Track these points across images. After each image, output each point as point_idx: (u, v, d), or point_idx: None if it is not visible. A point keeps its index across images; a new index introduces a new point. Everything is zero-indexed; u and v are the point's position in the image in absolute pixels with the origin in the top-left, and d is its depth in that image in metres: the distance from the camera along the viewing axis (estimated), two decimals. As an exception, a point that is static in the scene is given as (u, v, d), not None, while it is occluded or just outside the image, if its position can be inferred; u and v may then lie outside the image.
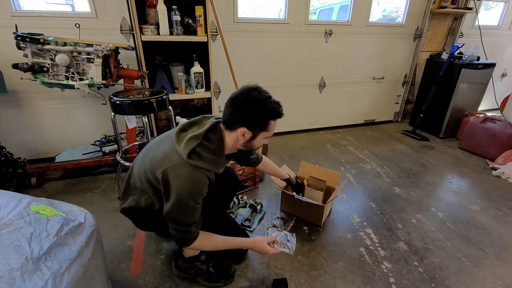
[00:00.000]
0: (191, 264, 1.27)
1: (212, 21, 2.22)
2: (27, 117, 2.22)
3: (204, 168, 0.97)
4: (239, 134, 1.01)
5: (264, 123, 1.01)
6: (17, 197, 0.92)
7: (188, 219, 1.00)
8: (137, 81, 2.11)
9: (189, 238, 1.04)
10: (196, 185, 0.96)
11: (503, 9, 3.58)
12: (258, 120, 1.00)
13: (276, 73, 2.83)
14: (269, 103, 0.99)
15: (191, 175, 0.95)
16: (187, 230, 1.01)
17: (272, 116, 1.01)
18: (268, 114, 1.00)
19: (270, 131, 1.04)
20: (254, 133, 1.02)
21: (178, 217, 0.99)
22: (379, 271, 1.38)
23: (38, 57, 1.70)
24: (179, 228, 1.01)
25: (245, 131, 1.00)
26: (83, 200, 1.88)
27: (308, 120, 3.21)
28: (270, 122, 1.01)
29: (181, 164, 0.95)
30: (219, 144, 1.04)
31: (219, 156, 1.04)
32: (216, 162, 1.02)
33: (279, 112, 1.01)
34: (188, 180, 0.95)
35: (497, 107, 3.38)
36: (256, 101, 0.98)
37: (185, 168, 0.95)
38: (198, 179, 0.96)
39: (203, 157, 0.98)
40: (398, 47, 3.21)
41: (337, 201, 1.92)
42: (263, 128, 1.01)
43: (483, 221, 1.77)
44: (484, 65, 2.90)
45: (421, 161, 2.58)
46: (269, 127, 1.02)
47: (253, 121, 1.00)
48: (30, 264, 0.70)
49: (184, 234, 1.02)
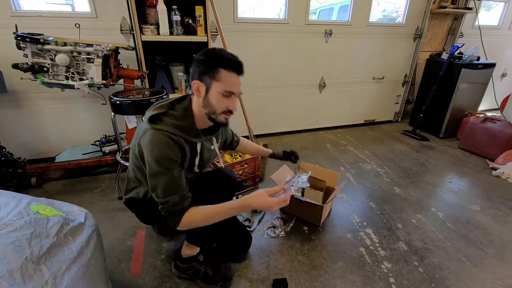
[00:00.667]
0: (188, 264, 1.27)
1: (212, 21, 2.22)
2: (27, 117, 2.22)
3: (167, 131, 0.95)
4: (194, 90, 0.99)
5: (213, 70, 0.94)
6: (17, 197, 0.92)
7: (166, 189, 0.95)
8: (137, 81, 2.11)
9: (173, 212, 0.97)
10: (161, 148, 0.93)
11: (503, 9, 3.58)
12: (206, 67, 0.95)
13: (276, 73, 2.83)
14: (221, 53, 0.96)
15: (154, 138, 0.94)
16: (168, 201, 0.96)
17: (222, 64, 0.94)
18: (217, 61, 0.94)
19: (224, 83, 0.95)
20: (207, 85, 0.96)
21: (157, 187, 0.96)
22: (379, 271, 1.38)
23: (38, 57, 1.70)
24: (161, 200, 0.97)
25: (197, 83, 0.97)
26: (83, 200, 1.88)
27: (308, 120, 3.21)
28: (220, 70, 0.94)
29: (147, 131, 0.95)
30: (185, 111, 1.02)
31: (187, 122, 1.00)
32: (182, 128, 0.98)
33: (229, 59, 0.94)
34: (152, 143, 0.93)
35: (497, 107, 3.39)
36: (204, 52, 0.97)
37: (149, 133, 0.95)
38: (161, 141, 0.93)
39: (165, 121, 0.97)
40: (398, 47, 3.21)
41: (337, 201, 1.92)
42: (213, 76, 0.94)
43: (483, 221, 1.77)
44: (484, 65, 2.90)
45: (421, 161, 2.58)
46: (220, 76, 0.94)
47: (203, 69, 0.95)
48: (30, 264, 0.70)
49: (167, 207, 0.97)
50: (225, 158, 2.10)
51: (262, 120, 2.97)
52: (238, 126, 2.73)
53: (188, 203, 1.00)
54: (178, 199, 0.97)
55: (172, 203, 0.96)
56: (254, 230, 1.63)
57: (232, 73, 0.96)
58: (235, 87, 0.99)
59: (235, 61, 0.96)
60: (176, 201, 0.97)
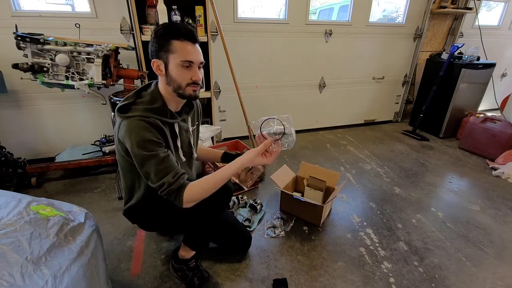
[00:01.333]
0: (179, 266, 1.27)
1: (212, 21, 2.22)
2: (27, 117, 2.22)
3: (138, 115, 0.95)
4: (155, 70, 0.99)
5: (166, 44, 0.94)
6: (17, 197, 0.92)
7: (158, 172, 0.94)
8: (137, 81, 2.11)
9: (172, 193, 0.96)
10: (137, 133, 0.92)
11: (503, 9, 3.58)
12: (159, 43, 0.95)
13: (276, 73, 2.83)
14: (170, 25, 0.96)
15: (128, 126, 0.93)
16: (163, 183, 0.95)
17: (173, 35, 0.93)
18: (167, 33, 0.94)
19: (179, 53, 0.94)
20: (164, 60, 0.96)
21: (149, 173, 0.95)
22: (379, 271, 1.38)
23: (38, 57, 1.70)
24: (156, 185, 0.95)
25: (156, 62, 0.97)
26: (83, 200, 1.88)
27: (308, 120, 3.21)
28: (172, 41, 0.94)
29: (120, 122, 0.96)
30: (153, 95, 1.01)
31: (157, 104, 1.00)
32: (153, 109, 0.98)
33: (178, 30, 0.94)
34: (128, 132, 0.93)
35: (497, 107, 3.39)
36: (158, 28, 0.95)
37: (123, 123, 0.95)
38: (135, 126, 0.93)
39: (135, 109, 0.97)
40: (398, 47, 3.21)
41: (337, 201, 1.92)
42: (168, 50, 0.94)
43: (483, 221, 1.77)
44: (484, 65, 2.90)
45: (421, 161, 2.58)
46: (174, 47, 0.94)
47: (156, 46, 0.95)
48: (30, 264, 0.70)
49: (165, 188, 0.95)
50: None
51: (262, 120, 2.96)
52: (238, 126, 2.75)
53: (184, 179, 0.99)
54: (172, 179, 0.95)
55: (168, 183, 0.95)
56: (254, 230, 1.63)
57: (185, 42, 0.95)
58: (192, 56, 0.97)
59: (185, 29, 0.95)
60: (171, 181, 0.95)
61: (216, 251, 1.45)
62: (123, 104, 0.98)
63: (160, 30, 0.95)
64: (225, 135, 2.85)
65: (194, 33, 0.97)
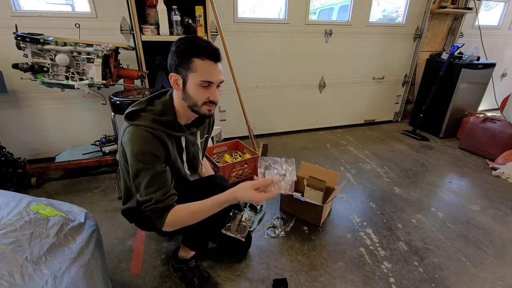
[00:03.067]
0: (179, 266, 1.27)
1: (212, 21, 2.22)
2: (27, 117, 2.22)
3: (145, 125, 0.92)
4: (173, 83, 0.96)
5: (187, 60, 0.91)
6: (17, 197, 0.92)
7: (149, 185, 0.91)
8: (137, 81, 2.11)
9: (157, 210, 0.92)
10: (140, 143, 0.90)
11: (503, 9, 3.58)
12: (180, 58, 0.92)
13: (276, 73, 2.83)
14: (194, 40, 0.91)
15: (133, 134, 0.91)
16: (150, 198, 0.91)
17: (195, 53, 0.90)
18: (190, 50, 0.90)
19: (199, 73, 0.91)
20: (183, 77, 0.93)
21: (139, 185, 0.92)
22: (379, 271, 1.38)
23: (38, 57, 1.70)
24: (143, 199, 0.92)
25: (174, 76, 0.95)
26: (83, 200, 1.88)
27: (308, 120, 3.21)
28: (193, 59, 0.90)
29: (126, 129, 0.94)
30: (165, 106, 0.98)
31: (168, 117, 0.97)
32: (162, 122, 0.95)
33: (201, 47, 0.90)
34: (131, 140, 0.91)
35: (497, 107, 3.39)
36: (182, 40, 0.93)
37: (129, 129, 0.93)
38: (140, 136, 0.91)
39: (143, 116, 0.94)
40: (398, 47, 3.21)
41: (337, 201, 1.92)
42: (188, 67, 0.91)
43: (483, 221, 1.77)
44: (484, 65, 2.90)
45: (421, 161, 2.58)
46: (195, 66, 0.91)
47: (177, 61, 0.92)
48: (30, 264, 0.70)
49: (150, 204, 0.91)
50: (225, 158, 2.10)
51: (262, 120, 2.97)
52: (238, 126, 2.75)
53: (173, 201, 0.94)
54: (160, 196, 0.91)
55: (155, 200, 0.91)
56: (254, 230, 1.63)
57: (207, 61, 0.91)
58: (213, 76, 0.93)
59: (208, 48, 0.91)
60: (159, 198, 0.91)
61: (216, 251, 1.45)
62: (133, 110, 0.95)
63: (181, 46, 0.92)
64: (225, 135, 2.85)
65: (218, 52, 0.94)
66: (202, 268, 1.29)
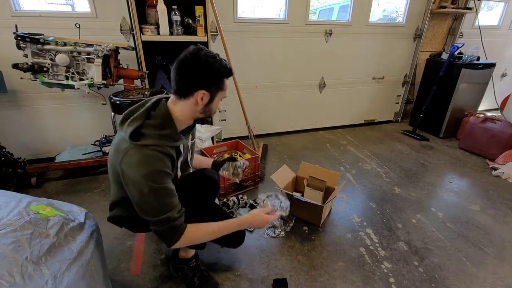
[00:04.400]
0: (180, 266, 1.27)
1: (212, 21, 2.22)
2: (27, 117, 2.22)
3: (153, 144, 0.90)
4: (198, 98, 0.95)
5: (220, 82, 0.99)
6: (17, 197, 0.92)
7: (162, 206, 0.90)
8: (137, 81, 2.11)
9: (173, 229, 0.92)
10: (151, 164, 0.88)
11: (503, 9, 3.58)
12: (214, 80, 0.97)
13: (276, 73, 2.83)
14: (220, 61, 0.96)
15: (142, 156, 0.88)
16: (166, 218, 0.90)
17: (226, 74, 0.99)
18: (222, 72, 0.97)
19: (225, 91, 1.03)
20: (212, 94, 0.98)
21: (150, 207, 0.90)
22: (379, 271, 1.38)
23: (38, 57, 1.70)
24: (156, 220, 0.90)
25: (203, 93, 0.95)
26: (83, 200, 1.88)
27: (308, 120, 3.21)
28: (224, 80, 1.00)
29: (129, 150, 0.89)
30: (165, 118, 0.96)
31: (169, 130, 0.96)
32: (166, 136, 0.95)
33: (230, 69, 1.00)
34: (140, 162, 0.87)
35: (497, 107, 3.39)
36: (208, 60, 0.93)
37: (134, 151, 0.88)
38: (150, 157, 0.89)
39: (148, 134, 0.91)
40: (398, 47, 3.21)
41: (337, 201, 1.92)
42: (220, 87, 0.99)
43: (483, 221, 1.77)
44: (484, 65, 2.90)
45: (421, 161, 2.58)
46: (224, 85, 1.01)
47: (210, 81, 0.96)
48: (30, 264, 0.70)
49: (166, 225, 0.91)
50: (224, 158, 2.10)
51: (262, 120, 2.97)
52: (238, 126, 2.75)
53: (183, 216, 0.96)
54: (176, 214, 0.92)
55: (172, 219, 0.91)
56: (254, 230, 1.63)
57: (229, 80, 1.03)
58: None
59: (231, 69, 1.01)
60: (176, 216, 0.92)
61: (216, 252, 1.45)
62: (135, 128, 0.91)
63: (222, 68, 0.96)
64: (225, 135, 2.85)
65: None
66: (203, 268, 1.29)
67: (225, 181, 1.94)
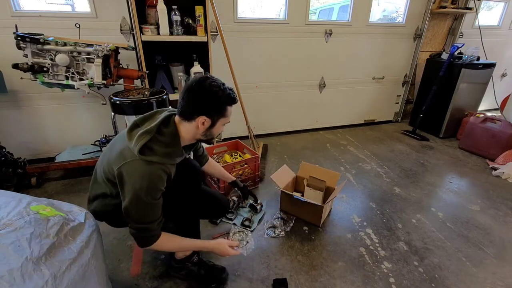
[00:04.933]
0: (182, 265, 1.27)
1: (212, 21, 2.22)
2: (27, 117, 2.22)
3: (159, 162, 0.95)
4: (199, 123, 1.01)
5: (222, 109, 1.03)
6: (17, 197, 0.92)
7: (147, 216, 0.97)
8: (137, 81, 2.11)
9: (149, 237, 1.01)
10: (152, 181, 0.93)
11: (503, 9, 3.58)
12: (216, 107, 1.02)
13: (276, 73, 2.83)
14: (224, 90, 1.01)
15: (146, 171, 0.92)
16: (147, 228, 0.98)
17: (229, 102, 1.03)
18: (224, 100, 1.02)
19: (227, 117, 1.07)
20: (213, 120, 1.03)
21: (137, 215, 0.96)
22: (379, 271, 1.38)
23: (38, 57, 1.70)
24: (138, 226, 0.97)
25: (204, 119, 1.01)
26: (83, 200, 1.87)
27: (308, 120, 3.21)
28: (227, 108, 1.04)
29: (134, 160, 0.93)
30: (173, 136, 1.01)
31: (174, 148, 1.02)
32: (170, 154, 1.00)
33: (234, 98, 1.04)
34: (143, 176, 0.92)
35: (497, 107, 3.39)
36: (211, 89, 0.99)
37: (139, 164, 0.92)
38: (153, 174, 0.94)
39: (156, 151, 0.95)
40: (398, 47, 3.21)
41: (337, 201, 1.92)
42: (222, 114, 1.04)
43: (483, 221, 1.77)
44: (484, 65, 2.90)
45: (421, 161, 2.58)
46: (227, 112, 1.05)
47: (211, 108, 1.01)
48: (30, 264, 0.70)
49: (144, 233, 0.99)
50: (225, 158, 2.10)
51: (262, 120, 2.97)
52: (238, 126, 2.75)
53: (161, 226, 1.03)
54: (156, 225, 1.00)
55: (150, 229, 0.99)
56: (254, 230, 1.63)
57: (232, 107, 1.06)
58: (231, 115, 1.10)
59: (235, 96, 1.05)
60: (154, 227, 0.99)
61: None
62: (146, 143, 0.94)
63: (216, 95, 0.99)
64: (225, 135, 2.85)
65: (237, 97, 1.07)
66: (206, 260, 1.32)
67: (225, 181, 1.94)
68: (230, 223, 1.67)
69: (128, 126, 1.03)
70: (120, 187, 0.97)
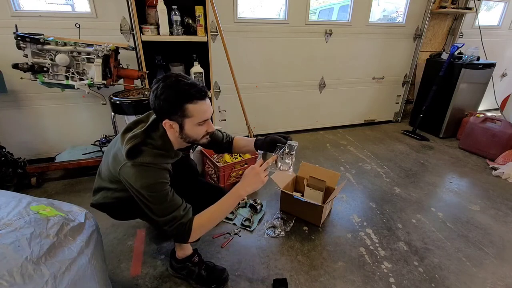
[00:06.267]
0: (183, 265, 1.27)
1: (212, 21, 2.22)
2: (27, 117, 2.22)
3: (150, 162, 0.93)
4: (167, 127, 0.97)
5: (180, 109, 0.92)
6: (17, 197, 0.92)
7: (167, 208, 0.95)
8: (137, 81, 2.11)
9: (182, 227, 0.96)
10: (148, 177, 0.92)
11: (503, 9, 3.58)
12: (172, 108, 0.92)
13: (276, 73, 2.83)
14: (179, 86, 0.91)
15: (139, 173, 0.92)
16: (173, 217, 0.95)
17: (185, 99, 0.91)
18: (179, 98, 0.91)
19: (196, 116, 0.95)
20: (179, 122, 0.95)
21: (157, 210, 0.95)
22: (379, 271, 1.38)
23: (38, 57, 1.70)
24: (164, 219, 0.95)
25: (170, 123, 0.95)
26: (83, 200, 1.87)
27: (308, 120, 3.21)
28: (186, 106, 0.92)
29: (126, 165, 0.93)
30: (164, 139, 0.99)
31: (167, 151, 0.99)
32: (163, 156, 0.98)
33: (191, 94, 0.91)
34: (137, 176, 0.92)
35: (497, 107, 3.39)
36: (166, 87, 0.91)
37: (131, 167, 0.92)
38: (147, 171, 0.93)
39: (146, 153, 0.94)
40: (398, 47, 3.21)
41: (337, 201, 1.92)
42: (183, 114, 0.93)
43: (483, 221, 1.77)
44: (484, 65, 2.90)
45: (421, 161, 2.58)
46: (189, 111, 0.93)
47: (168, 110, 0.93)
48: (30, 264, 0.70)
49: (175, 224, 0.95)
50: (225, 158, 2.10)
51: (262, 120, 2.97)
52: (238, 126, 2.75)
53: (191, 212, 1.00)
54: (182, 211, 0.97)
55: (179, 217, 0.96)
56: (254, 230, 1.63)
57: (199, 103, 0.94)
58: (206, 113, 0.98)
59: (196, 91, 0.92)
60: (182, 214, 0.97)
61: (215, 252, 1.45)
62: (133, 146, 0.93)
63: (169, 95, 0.90)
64: (225, 135, 2.85)
65: (204, 89, 0.96)
66: (206, 261, 1.31)
67: (225, 181, 1.94)
68: (230, 223, 1.67)
69: (122, 129, 1.03)
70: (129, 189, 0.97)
